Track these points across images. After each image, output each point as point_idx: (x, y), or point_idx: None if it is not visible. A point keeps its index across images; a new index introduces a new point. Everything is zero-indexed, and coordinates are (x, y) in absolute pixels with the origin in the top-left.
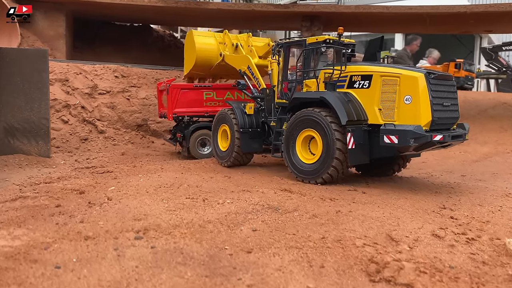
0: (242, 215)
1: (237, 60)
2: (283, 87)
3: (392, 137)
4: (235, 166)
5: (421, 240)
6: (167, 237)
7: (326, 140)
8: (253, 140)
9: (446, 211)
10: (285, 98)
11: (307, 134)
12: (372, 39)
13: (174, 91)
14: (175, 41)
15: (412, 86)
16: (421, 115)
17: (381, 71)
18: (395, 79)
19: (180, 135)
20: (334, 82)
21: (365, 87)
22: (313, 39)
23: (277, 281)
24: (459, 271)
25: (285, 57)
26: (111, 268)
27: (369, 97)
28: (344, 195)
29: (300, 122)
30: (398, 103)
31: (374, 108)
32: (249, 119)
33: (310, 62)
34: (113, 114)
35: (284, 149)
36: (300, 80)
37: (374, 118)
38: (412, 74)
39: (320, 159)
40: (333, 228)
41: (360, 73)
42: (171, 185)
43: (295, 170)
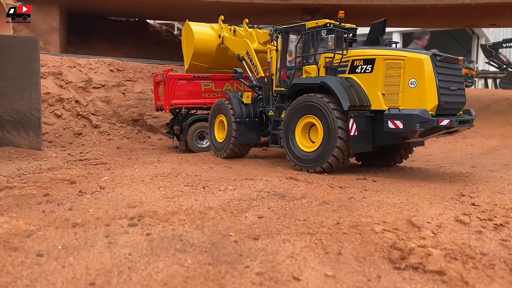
0: (246, 201)
1: (236, 43)
2: (282, 74)
3: (397, 122)
4: (232, 157)
5: (444, 226)
6: (164, 224)
7: (327, 127)
8: (250, 131)
9: (466, 198)
10: (284, 85)
11: (307, 121)
12: (375, 22)
13: (171, 81)
14: (172, 36)
15: (417, 69)
16: (426, 99)
17: (384, 54)
18: (399, 62)
19: (177, 128)
20: (335, 67)
21: (367, 71)
22: (313, 23)
23: (289, 269)
24: (492, 257)
25: (283, 43)
26: (101, 256)
27: (372, 82)
28: (354, 183)
29: (299, 108)
30: (403, 87)
31: (377, 93)
32: (247, 109)
33: (309, 47)
34: (108, 108)
35: (283, 137)
36: (300, 66)
37: (378, 103)
38: (418, 57)
39: (320, 147)
40: (347, 214)
41: (362, 57)
42: (168, 174)
43: (294, 159)
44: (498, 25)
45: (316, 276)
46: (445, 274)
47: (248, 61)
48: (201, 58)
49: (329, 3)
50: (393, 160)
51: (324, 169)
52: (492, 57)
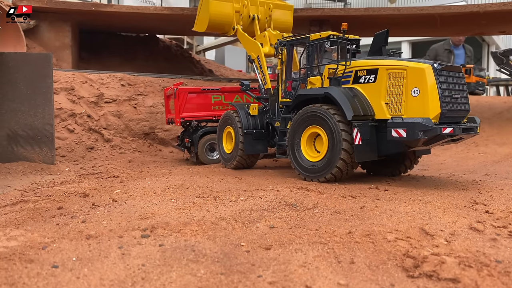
0: (258, 212)
1: (248, 43)
2: (287, 86)
3: (400, 130)
4: (239, 168)
5: (458, 234)
6: (177, 234)
7: (332, 137)
8: (257, 142)
9: (479, 206)
10: (289, 97)
11: (312, 131)
12: (378, 33)
13: (182, 94)
14: (182, 51)
15: (419, 78)
16: (429, 108)
17: (387, 64)
18: (401, 72)
19: (188, 140)
20: (339, 77)
21: (371, 81)
22: (317, 36)
23: (302, 278)
24: (507, 265)
25: (288, 55)
26: (115, 267)
27: (376, 91)
28: (366, 192)
29: (304, 119)
30: (406, 96)
31: (381, 102)
32: (253, 120)
33: (313, 59)
34: (119, 122)
35: (289, 147)
36: (304, 78)
37: (381, 113)
38: (419, 66)
39: (325, 157)
40: (359, 223)
41: (366, 67)
42: (180, 186)
43: (299, 169)
44: (508, 32)
45: (329, 285)
46: (459, 281)
47: (258, 67)
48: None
49: (337, 14)
50: (398, 169)
51: (328, 180)
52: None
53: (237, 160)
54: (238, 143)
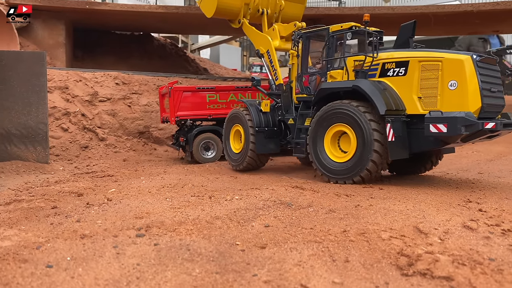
0: (253, 211)
1: (256, 36)
2: (304, 80)
3: (439, 125)
4: (249, 170)
5: (452, 232)
6: (172, 234)
7: (362, 135)
8: (269, 140)
9: (473, 204)
10: (306, 92)
11: (338, 130)
12: (404, 24)
13: (176, 93)
14: (176, 49)
15: (457, 70)
16: (469, 101)
17: (419, 56)
18: (436, 64)
19: (183, 139)
20: (366, 70)
21: (400, 74)
22: (338, 27)
23: (297, 277)
24: (500, 263)
25: (305, 48)
26: (110, 267)
27: (406, 85)
28: (360, 191)
29: (329, 116)
30: (441, 90)
31: (412, 96)
32: (265, 117)
33: (334, 51)
34: (114, 121)
35: (310, 146)
36: (323, 71)
37: (413, 107)
38: (457, 57)
39: (353, 158)
40: (354, 222)
41: (394, 59)
42: (175, 185)
43: (322, 169)
44: (501, 31)
45: (324, 283)
46: (453, 279)
47: (268, 62)
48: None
49: (331, 13)
50: (424, 167)
51: (355, 182)
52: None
53: (248, 161)
54: (249, 142)
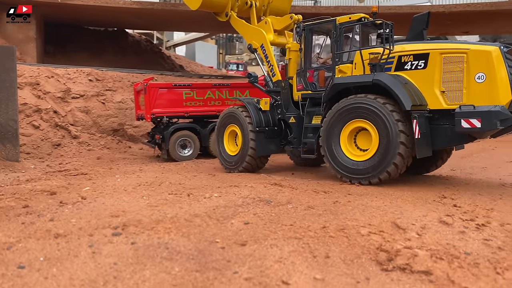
0: (232, 208)
1: (248, 30)
2: (308, 76)
3: (473, 120)
4: (247, 172)
5: (429, 228)
6: (149, 232)
7: (385, 133)
8: (270, 141)
9: (447, 200)
10: (311, 88)
11: (355, 126)
12: (417, 15)
13: (152, 90)
14: (151, 46)
15: (485, 62)
16: (499, 94)
17: (440, 48)
18: (460, 56)
19: (159, 137)
20: (382, 64)
21: (420, 67)
22: (346, 18)
23: (278, 273)
24: (476, 257)
25: (308, 41)
26: (85, 266)
27: (427, 78)
28: (338, 187)
29: (346, 112)
30: (467, 83)
31: (434, 91)
32: (265, 116)
33: (342, 45)
34: (87, 118)
35: (324, 145)
36: (331, 66)
37: (436, 102)
38: (485, 49)
39: (376, 155)
40: (333, 218)
41: (412, 52)
42: (151, 183)
43: (339, 169)
44: (471, 32)
45: (305, 279)
46: (432, 274)
47: (263, 57)
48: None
49: (308, 12)
50: (435, 164)
51: (381, 180)
52: None
53: (247, 162)
54: (248, 143)
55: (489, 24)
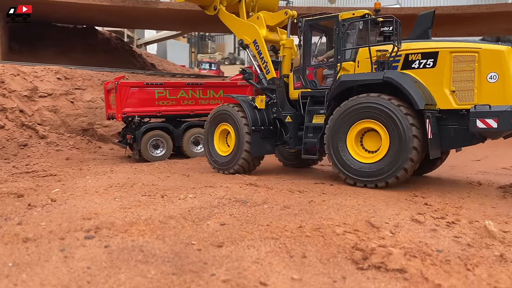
0: (208, 209)
1: (239, 25)
2: (307, 73)
3: (489, 120)
4: (240, 173)
5: (402, 226)
6: (123, 235)
7: (396, 133)
8: (265, 140)
9: (418, 198)
10: (311, 86)
11: (363, 127)
12: (422, 14)
13: (123, 89)
14: (122, 44)
15: (497, 61)
16: None
17: (450, 47)
18: (472, 55)
19: (130, 136)
20: (391, 62)
21: (428, 66)
22: (349, 14)
23: (256, 274)
24: (447, 254)
25: (308, 37)
26: (57, 271)
27: (436, 78)
28: (312, 187)
29: (354, 111)
30: (479, 83)
31: (443, 90)
32: (261, 115)
33: (344, 42)
34: (55, 118)
35: (329, 146)
36: (332, 63)
37: (445, 102)
38: (497, 48)
39: (386, 158)
40: (309, 217)
41: (420, 50)
42: (124, 184)
43: (347, 172)
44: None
45: (283, 280)
46: (406, 271)
47: (256, 53)
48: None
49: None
50: (435, 165)
51: (389, 184)
52: None
53: (240, 163)
54: (243, 143)
55: (456, 27)
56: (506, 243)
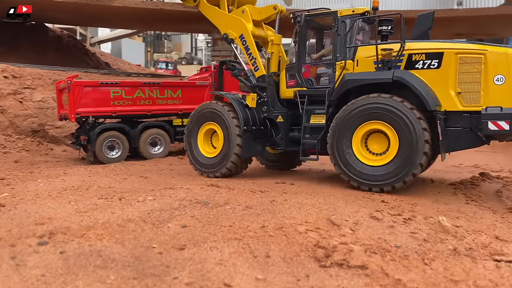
0: (168, 211)
1: (222, 18)
2: (303, 71)
3: (501, 123)
4: (228, 176)
5: (361, 223)
6: (80, 240)
7: (408, 136)
8: (256, 141)
9: (376, 196)
10: (307, 85)
11: (370, 128)
12: (422, 14)
13: (77, 88)
14: (75, 42)
15: (504, 64)
16: None
17: (455, 48)
18: (478, 57)
19: (84, 138)
20: (395, 61)
21: (432, 67)
22: (349, 11)
23: (220, 276)
24: (405, 249)
25: (304, 34)
26: (8, 280)
27: (441, 79)
28: (274, 187)
29: (360, 112)
30: (485, 85)
31: (449, 91)
32: (252, 114)
33: (343, 39)
34: (2, 119)
35: (333, 148)
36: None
37: (451, 103)
38: (503, 51)
39: (395, 160)
40: (271, 217)
41: (424, 51)
42: (78, 187)
43: (349, 173)
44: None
45: (247, 280)
46: (367, 268)
47: (243, 49)
48: None
49: None
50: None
51: (394, 188)
52: None
53: (230, 165)
54: (233, 144)
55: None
56: (458, 237)
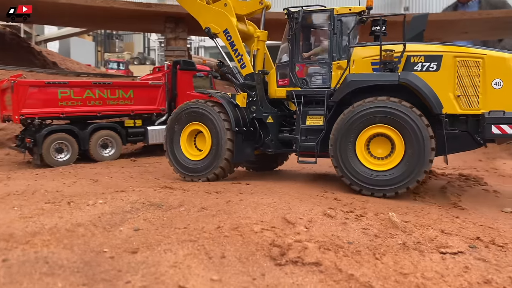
0: (120, 215)
1: (203, 11)
2: (297, 70)
3: (504, 126)
4: (215, 180)
5: (315, 221)
6: (24, 246)
7: (415, 142)
8: (246, 144)
9: (329, 194)
10: (301, 85)
11: (376, 132)
12: (416, 16)
13: (21, 88)
14: (19, 40)
15: (503, 68)
16: None
17: (454, 51)
18: (476, 61)
19: (30, 140)
20: (396, 62)
21: (431, 69)
22: (346, 9)
23: (174, 278)
24: (357, 245)
25: (296, 32)
26: None
27: (440, 81)
28: (229, 187)
29: (368, 115)
30: (484, 89)
31: (448, 94)
32: (242, 114)
33: (339, 38)
34: None
35: (335, 151)
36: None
37: (450, 106)
38: (501, 55)
39: (400, 166)
40: (227, 217)
41: (423, 53)
42: (23, 192)
43: (352, 176)
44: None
45: (202, 282)
46: (321, 264)
47: (227, 45)
48: None
49: None
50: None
51: (397, 194)
52: None
53: (217, 172)
54: (223, 146)
55: None
56: (407, 232)
